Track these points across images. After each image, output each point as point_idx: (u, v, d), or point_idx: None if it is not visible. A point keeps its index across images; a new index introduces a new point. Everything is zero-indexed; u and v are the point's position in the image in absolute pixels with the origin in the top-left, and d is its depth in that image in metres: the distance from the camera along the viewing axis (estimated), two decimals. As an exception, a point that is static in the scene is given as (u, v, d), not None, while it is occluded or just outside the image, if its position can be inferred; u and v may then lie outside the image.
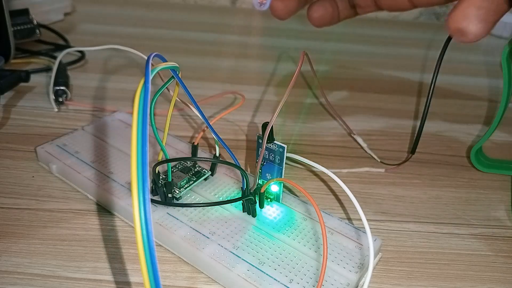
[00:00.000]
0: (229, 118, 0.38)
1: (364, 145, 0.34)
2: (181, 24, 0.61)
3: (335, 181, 0.22)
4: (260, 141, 0.24)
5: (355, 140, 0.35)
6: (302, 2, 0.35)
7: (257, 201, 0.26)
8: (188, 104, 0.28)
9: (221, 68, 0.49)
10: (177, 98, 0.25)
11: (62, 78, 0.39)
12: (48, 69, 0.43)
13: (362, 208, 0.29)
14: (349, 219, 0.28)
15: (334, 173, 0.22)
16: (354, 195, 0.30)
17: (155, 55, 0.18)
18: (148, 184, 0.14)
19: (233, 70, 0.48)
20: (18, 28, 0.44)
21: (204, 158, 0.27)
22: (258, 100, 0.41)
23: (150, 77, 0.15)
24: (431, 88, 0.28)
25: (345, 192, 0.21)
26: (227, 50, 0.54)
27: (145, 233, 0.14)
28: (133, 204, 0.14)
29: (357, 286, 0.23)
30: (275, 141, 0.25)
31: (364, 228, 0.21)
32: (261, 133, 0.24)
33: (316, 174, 0.32)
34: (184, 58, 0.50)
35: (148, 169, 0.14)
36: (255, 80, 0.46)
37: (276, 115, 0.23)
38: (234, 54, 0.53)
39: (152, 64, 0.17)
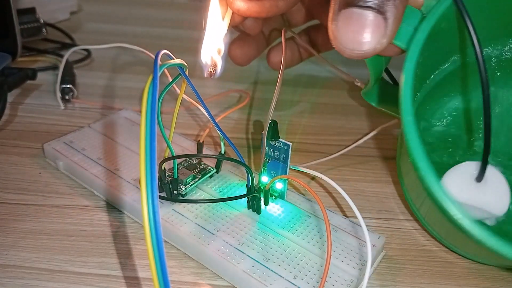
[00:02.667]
0: (234, 116, 0.38)
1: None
2: (186, 23, 0.62)
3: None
4: (264, 139, 0.25)
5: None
6: (261, 47, 0.36)
7: (262, 198, 0.26)
8: (195, 102, 0.28)
9: (227, 67, 0.49)
10: (183, 96, 0.26)
11: (68, 76, 0.39)
12: (54, 67, 0.43)
13: (366, 206, 0.29)
14: (353, 217, 0.28)
15: (337, 172, 0.22)
16: (358, 193, 0.30)
17: (163, 53, 0.18)
18: (156, 180, 0.14)
19: (238, 69, 0.48)
20: (25, 26, 0.45)
21: (209, 155, 0.27)
22: (263, 99, 0.42)
23: (159, 74, 0.16)
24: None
25: (349, 191, 0.21)
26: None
27: (154, 229, 0.14)
28: (142, 200, 0.14)
29: (361, 283, 0.23)
30: (280, 139, 0.25)
31: (367, 226, 0.21)
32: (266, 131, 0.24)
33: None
34: (190, 57, 0.50)
35: (156, 164, 0.14)
36: (260, 79, 0.46)
37: (272, 110, 0.23)
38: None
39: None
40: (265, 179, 0.26)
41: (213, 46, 0.24)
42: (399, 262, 0.25)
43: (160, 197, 0.26)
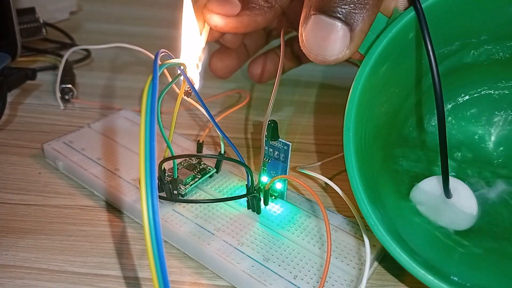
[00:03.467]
0: (234, 116, 0.38)
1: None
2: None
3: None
4: (266, 139, 0.25)
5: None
6: (242, 59, 0.36)
7: (262, 198, 0.26)
8: (195, 102, 0.28)
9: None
10: (183, 96, 0.26)
11: (68, 76, 0.39)
12: (54, 67, 0.44)
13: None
14: (353, 217, 0.28)
15: (338, 172, 0.22)
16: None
17: (163, 53, 0.18)
18: (156, 180, 0.14)
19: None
20: (25, 26, 0.45)
21: (209, 155, 0.27)
22: (263, 99, 0.41)
23: (158, 74, 0.16)
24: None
25: (349, 191, 0.21)
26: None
27: (153, 229, 0.14)
28: (142, 200, 0.14)
29: (361, 282, 0.23)
30: (279, 139, 0.25)
31: (366, 226, 0.21)
32: (266, 131, 0.24)
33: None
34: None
35: (156, 164, 0.14)
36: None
37: (270, 109, 0.23)
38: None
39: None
40: (265, 179, 0.26)
41: (189, 62, 0.23)
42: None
43: (160, 197, 0.26)
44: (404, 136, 0.27)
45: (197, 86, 0.23)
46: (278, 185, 0.26)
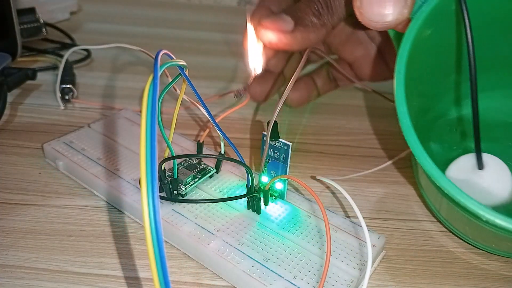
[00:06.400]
0: (234, 117, 0.38)
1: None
2: (186, 23, 0.62)
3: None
4: (265, 138, 0.25)
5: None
6: (279, 84, 0.37)
7: (262, 198, 0.26)
8: (195, 102, 0.28)
9: (227, 67, 0.49)
10: (183, 96, 0.26)
11: (68, 76, 0.39)
12: (54, 67, 0.43)
13: (366, 206, 0.29)
14: (353, 217, 0.28)
15: (337, 172, 0.22)
16: (357, 193, 0.30)
17: (163, 53, 0.18)
18: (157, 180, 0.14)
19: (238, 69, 0.48)
20: (25, 26, 0.45)
21: (209, 155, 0.27)
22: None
23: (159, 74, 0.16)
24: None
25: (349, 191, 0.22)
26: (232, 49, 0.54)
27: (154, 229, 0.14)
28: (142, 200, 0.14)
29: (361, 283, 0.23)
30: (280, 139, 0.25)
31: (367, 226, 0.21)
32: (266, 131, 0.24)
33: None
34: (189, 57, 0.50)
35: (156, 164, 0.14)
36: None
37: (276, 113, 0.23)
38: (239, 53, 0.53)
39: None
40: (265, 179, 0.26)
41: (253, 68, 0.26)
42: (399, 262, 0.25)
43: (160, 197, 0.26)
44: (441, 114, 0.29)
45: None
46: (278, 185, 0.26)
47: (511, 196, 0.25)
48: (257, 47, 0.27)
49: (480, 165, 0.24)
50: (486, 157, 0.25)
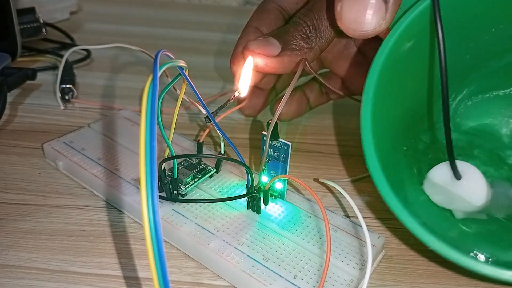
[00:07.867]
0: (234, 116, 0.38)
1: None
2: (186, 23, 0.62)
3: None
4: (265, 138, 0.25)
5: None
6: (268, 99, 0.37)
7: (262, 198, 0.26)
8: (195, 102, 0.28)
9: (227, 67, 0.49)
10: (183, 96, 0.26)
11: (68, 76, 0.39)
12: (54, 67, 0.44)
13: (366, 206, 0.29)
14: (353, 217, 0.28)
15: (337, 172, 0.22)
16: (357, 193, 0.30)
17: (163, 53, 0.18)
18: (156, 180, 0.14)
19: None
20: (25, 26, 0.45)
21: (209, 155, 0.28)
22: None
23: (159, 74, 0.16)
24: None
25: (349, 191, 0.22)
26: (232, 49, 0.54)
27: (154, 229, 0.14)
28: (142, 200, 0.14)
29: (361, 282, 0.23)
30: (279, 139, 0.25)
31: (367, 226, 0.21)
32: (266, 131, 0.24)
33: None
34: (189, 57, 0.50)
35: (156, 164, 0.14)
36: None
37: (277, 113, 0.23)
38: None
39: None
40: (265, 179, 0.26)
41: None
42: (399, 262, 0.25)
43: (160, 197, 0.26)
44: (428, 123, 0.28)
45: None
46: (278, 185, 0.26)
47: (487, 201, 0.25)
48: (245, 69, 0.26)
49: (457, 175, 0.25)
50: (462, 165, 0.25)
